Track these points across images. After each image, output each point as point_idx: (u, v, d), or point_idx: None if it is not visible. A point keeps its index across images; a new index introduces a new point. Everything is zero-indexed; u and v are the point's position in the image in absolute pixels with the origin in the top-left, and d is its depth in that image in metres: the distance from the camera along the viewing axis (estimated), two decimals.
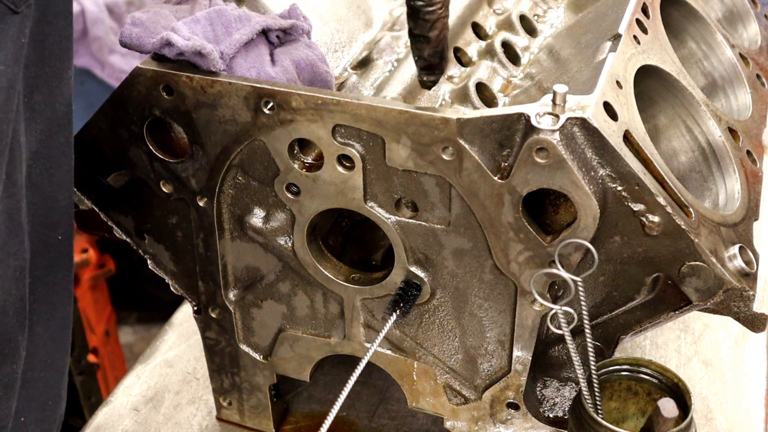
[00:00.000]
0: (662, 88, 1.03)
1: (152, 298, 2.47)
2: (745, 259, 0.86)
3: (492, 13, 1.26)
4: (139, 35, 0.92)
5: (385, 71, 1.12)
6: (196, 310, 1.09)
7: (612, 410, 0.97)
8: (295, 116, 0.88)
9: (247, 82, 0.88)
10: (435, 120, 0.83)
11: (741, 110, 1.13)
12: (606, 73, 0.87)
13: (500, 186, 0.84)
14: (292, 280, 1.01)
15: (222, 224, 1.00)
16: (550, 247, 0.85)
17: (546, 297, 0.88)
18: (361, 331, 1.02)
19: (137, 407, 1.24)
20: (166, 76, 0.90)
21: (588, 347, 0.88)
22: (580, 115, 0.79)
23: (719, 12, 1.29)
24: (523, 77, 1.15)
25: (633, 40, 0.96)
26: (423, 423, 1.19)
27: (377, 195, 0.91)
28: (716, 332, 1.32)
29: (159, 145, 0.97)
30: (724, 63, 1.17)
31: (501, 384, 0.99)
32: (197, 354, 1.30)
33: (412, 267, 0.94)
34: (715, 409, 1.20)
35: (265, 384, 1.13)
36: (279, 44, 0.99)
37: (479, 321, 0.96)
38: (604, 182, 0.82)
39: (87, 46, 2.24)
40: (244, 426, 1.18)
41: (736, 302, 0.86)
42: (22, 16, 0.78)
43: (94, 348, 2.11)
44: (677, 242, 0.83)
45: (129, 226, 1.06)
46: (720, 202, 0.98)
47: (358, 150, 0.88)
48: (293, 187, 0.93)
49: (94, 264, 2.09)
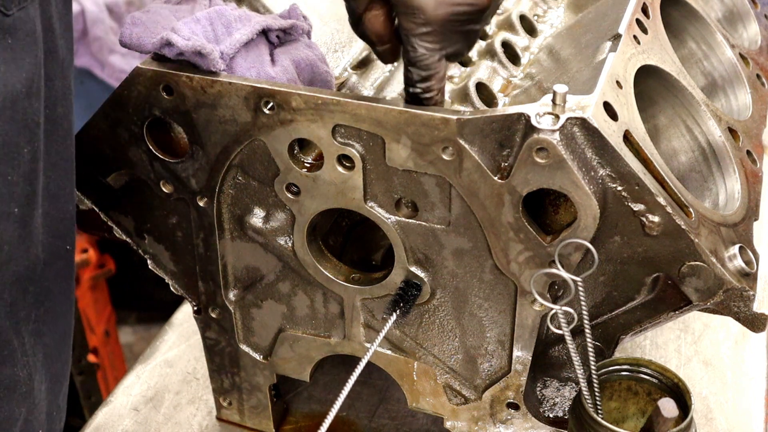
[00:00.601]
0: (662, 88, 1.03)
1: (152, 298, 2.47)
2: (745, 259, 0.86)
3: None
4: (139, 35, 0.92)
5: (385, 71, 1.12)
6: (196, 310, 1.09)
7: (612, 410, 0.97)
8: (295, 116, 0.88)
9: (247, 82, 0.88)
10: (435, 120, 0.83)
11: (741, 110, 1.13)
12: (606, 73, 0.87)
13: (500, 186, 0.84)
14: (292, 280, 1.01)
15: (222, 224, 1.00)
16: (550, 247, 0.85)
17: (546, 297, 0.88)
18: (361, 331, 1.02)
19: (137, 407, 1.24)
20: (166, 76, 0.90)
21: (588, 347, 0.88)
22: (580, 115, 0.79)
23: (719, 12, 1.29)
24: (523, 77, 1.15)
25: (633, 40, 0.96)
26: (423, 423, 1.19)
27: (377, 195, 0.91)
28: (716, 332, 1.32)
29: (159, 145, 0.97)
30: (724, 63, 1.17)
31: (501, 384, 0.99)
32: (197, 354, 1.30)
33: (412, 267, 0.94)
34: (715, 409, 1.20)
35: (265, 384, 1.13)
36: (279, 44, 0.99)
37: (479, 321, 0.96)
38: (604, 182, 0.82)
39: (87, 46, 2.24)
40: (244, 426, 1.18)
41: (736, 302, 0.86)
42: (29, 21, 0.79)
43: (94, 348, 2.11)
44: (677, 242, 0.83)
45: (129, 226, 1.06)
46: (720, 202, 0.98)
47: (358, 150, 0.88)
48: (293, 187, 0.93)
49: (94, 264, 2.09)
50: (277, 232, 0.98)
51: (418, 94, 0.88)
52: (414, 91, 0.88)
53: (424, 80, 0.87)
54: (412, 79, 0.87)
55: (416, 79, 0.87)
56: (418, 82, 0.87)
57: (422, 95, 0.88)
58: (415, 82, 0.87)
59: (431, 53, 0.86)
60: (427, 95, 0.88)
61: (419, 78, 0.87)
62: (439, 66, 0.87)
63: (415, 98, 0.88)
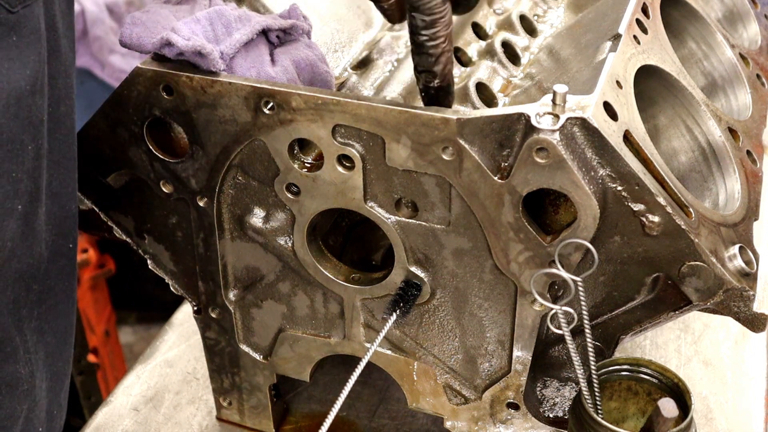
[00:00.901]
0: (662, 88, 1.03)
1: (152, 298, 2.47)
2: (745, 259, 0.86)
3: (492, 13, 1.26)
4: (139, 35, 0.92)
5: (385, 71, 1.12)
6: (196, 310, 1.09)
7: (612, 410, 0.97)
8: (295, 116, 0.88)
9: (247, 82, 0.88)
10: (435, 120, 0.83)
11: (741, 110, 1.13)
12: (606, 73, 0.87)
13: (500, 186, 0.84)
14: (292, 280, 1.01)
15: (222, 224, 1.00)
16: (550, 247, 0.85)
17: (546, 297, 0.88)
18: (361, 331, 1.02)
19: (137, 407, 1.24)
20: (166, 76, 0.90)
21: (588, 347, 0.88)
22: (580, 115, 0.79)
23: (719, 12, 1.29)
24: (523, 77, 1.15)
25: (633, 40, 0.96)
26: (423, 423, 1.19)
27: (377, 195, 0.91)
28: (716, 332, 1.32)
29: (159, 145, 0.97)
30: (724, 63, 1.17)
31: (501, 384, 0.99)
32: (197, 354, 1.30)
33: (412, 267, 0.94)
34: (715, 409, 1.20)
35: (265, 384, 1.13)
36: (279, 44, 0.99)
37: (479, 321, 0.96)
38: (604, 182, 0.82)
39: (87, 46, 2.24)
40: (244, 426, 1.18)
41: (736, 302, 0.86)
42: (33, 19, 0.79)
43: (94, 348, 2.11)
44: (677, 242, 0.83)
45: (129, 226, 1.06)
46: (720, 202, 0.98)
47: (358, 150, 0.88)
48: (293, 187, 0.93)
49: (94, 264, 2.09)
50: (277, 232, 0.98)
51: (423, 42, 0.85)
52: (419, 39, 0.86)
53: (429, 26, 0.85)
54: (417, 26, 0.85)
55: (420, 25, 0.85)
56: (423, 29, 0.85)
57: (428, 43, 0.86)
58: (420, 29, 0.85)
59: None
60: (433, 43, 0.86)
61: (423, 24, 0.85)
62: (443, 9, 0.85)
63: (420, 48, 0.85)
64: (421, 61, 0.89)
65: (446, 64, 0.89)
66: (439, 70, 0.89)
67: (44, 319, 0.90)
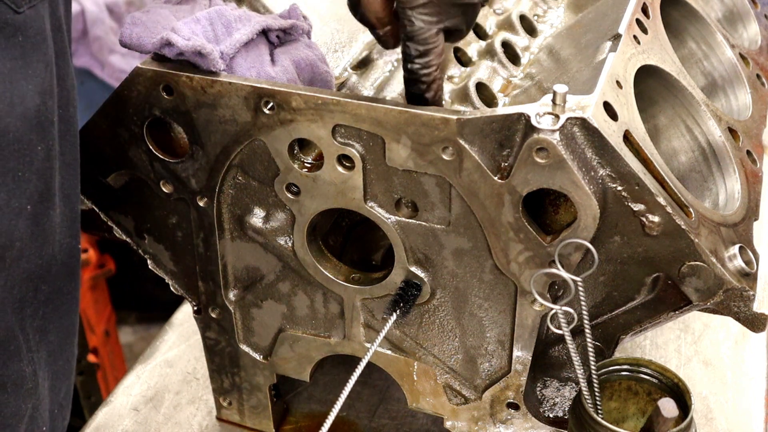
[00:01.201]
0: (662, 88, 1.03)
1: (152, 298, 2.47)
2: (745, 259, 0.86)
3: (492, 13, 1.26)
4: (139, 35, 0.92)
5: (385, 71, 1.12)
6: (196, 310, 1.09)
7: (612, 410, 0.97)
8: (295, 116, 0.88)
9: (247, 82, 0.88)
10: (435, 120, 0.83)
11: (741, 110, 1.13)
12: (606, 73, 0.87)
13: (500, 186, 0.84)
14: (292, 280, 1.01)
15: (222, 224, 1.00)
16: (550, 247, 0.85)
17: (546, 297, 0.88)
18: (361, 331, 1.02)
19: (137, 407, 1.24)
20: (166, 76, 0.90)
21: (588, 347, 0.88)
22: (580, 115, 0.79)
23: (719, 12, 1.29)
24: (523, 77, 1.15)
25: (633, 40, 0.96)
26: (423, 423, 1.19)
27: (377, 195, 0.91)
28: (716, 332, 1.32)
29: (159, 145, 0.97)
30: (724, 63, 1.17)
31: (501, 384, 0.99)
32: (197, 354, 1.30)
33: (412, 267, 0.94)
34: (715, 409, 1.20)
35: (265, 384, 1.13)
36: (279, 44, 0.99)
37: (479, 321, 0.96)
38: (604, 182, 0.82)
39: (87, 46, 2.24)
40: (244, 426, 1.19)
41: (736, 302, 0.86)
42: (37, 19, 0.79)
43: (94, 348, 2.11)
44: (677, 242, 0.83)
45: (129, 226, 1.06)
46: (720, 202, 0.98)
47: (358, 150, 0.88)
48: (293, 187, 0.93)
49: (94, 264, 2.09)
50: (277, 232, 0.98)
51: (416, 70, 0.87)
52: (412, 67, 0.87)
53: (422, 55, 0.86)
54: (411, 55, 0.87)
55: (414, 54, 0.86)
56: (416, 58, 0.86)
57: (420, 71, 0.87)
58: (413, 57, 0.86)
59: (428, 26, 0.85)
60: (425, 71, 0.87)
61: (417, 53, 0.86)
62: (437, 40, 0.86)
63: (413, 75, 0.86)
64: (413, 88, 0.90)
65: (437, 91, 0.91)
66: (430, 96, 0.91)
67: (48, 318, 0.90)
